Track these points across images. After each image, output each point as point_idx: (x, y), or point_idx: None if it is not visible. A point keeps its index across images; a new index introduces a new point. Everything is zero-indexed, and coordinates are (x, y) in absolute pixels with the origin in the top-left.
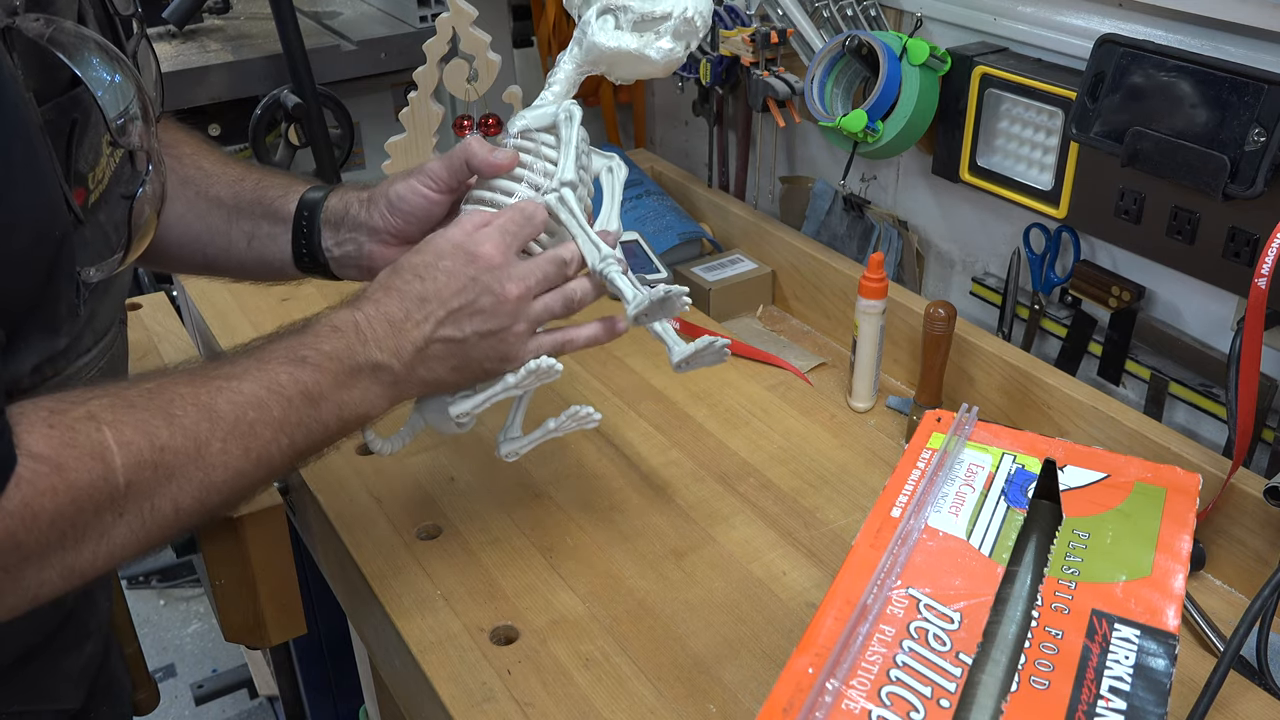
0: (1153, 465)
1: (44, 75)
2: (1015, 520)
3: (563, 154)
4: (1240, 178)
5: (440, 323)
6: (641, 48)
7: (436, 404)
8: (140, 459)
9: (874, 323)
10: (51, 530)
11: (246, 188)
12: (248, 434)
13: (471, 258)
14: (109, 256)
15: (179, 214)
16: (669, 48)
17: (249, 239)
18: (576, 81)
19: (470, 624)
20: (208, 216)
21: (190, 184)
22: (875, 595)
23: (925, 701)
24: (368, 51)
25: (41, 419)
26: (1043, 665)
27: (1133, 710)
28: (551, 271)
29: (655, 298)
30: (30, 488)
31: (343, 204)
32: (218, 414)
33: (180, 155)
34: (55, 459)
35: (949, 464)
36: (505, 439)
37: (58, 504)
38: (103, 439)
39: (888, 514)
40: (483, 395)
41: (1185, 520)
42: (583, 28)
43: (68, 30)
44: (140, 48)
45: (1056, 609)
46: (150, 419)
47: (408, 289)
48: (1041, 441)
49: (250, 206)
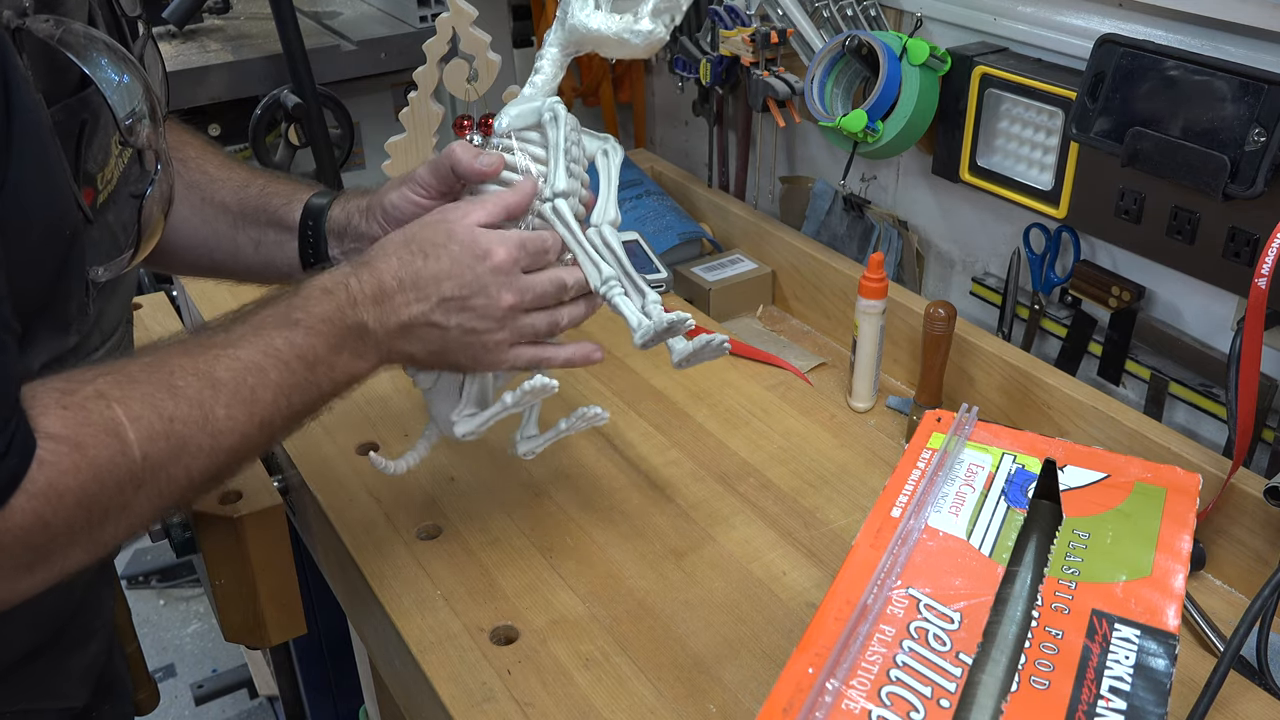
0: (1153, 465)
1: (53, 77)
2: (1015, 520)
3: (552, 161)
4: (1240, 178)
5: (432, 307)
6: (621, 31)
7: (444, 422)
8: (152, 431)
9: (874, 323)
10: (78, 509)
11: (251, 194)
12: (249, 399)
13: (482, 255)
14: (117, 256)
15: (184, 217)
16: (649, 29)
17: (255, 245)
18: (563, 64)
19: (470, 624)
20: (213, 222)
21: (196, 189)
22: (875, 595)
23: (925, 701)
24: (368, 51)
25: (54, 400)
26: (1043, 665)
27: (1133, 710)
28: (550, 292)
29: (660, 327)
30: (53, 468)
31: (344, 214)
32: (219, 381)
33: (185, 159)
34: (73, 438)
35: (949, 464)
36: (522, 438)
37: (81, 482)
38: (114, 415)
39: (888, 514)
40: (486, 414)
41: (1185, 520)
42: (564, 8)
43: (77, 31)
44: (146, 48)
45: (1057, 609)
46: (154, 392)
47: (410, 263)
48: (1041, 441)
49: (255, 213)
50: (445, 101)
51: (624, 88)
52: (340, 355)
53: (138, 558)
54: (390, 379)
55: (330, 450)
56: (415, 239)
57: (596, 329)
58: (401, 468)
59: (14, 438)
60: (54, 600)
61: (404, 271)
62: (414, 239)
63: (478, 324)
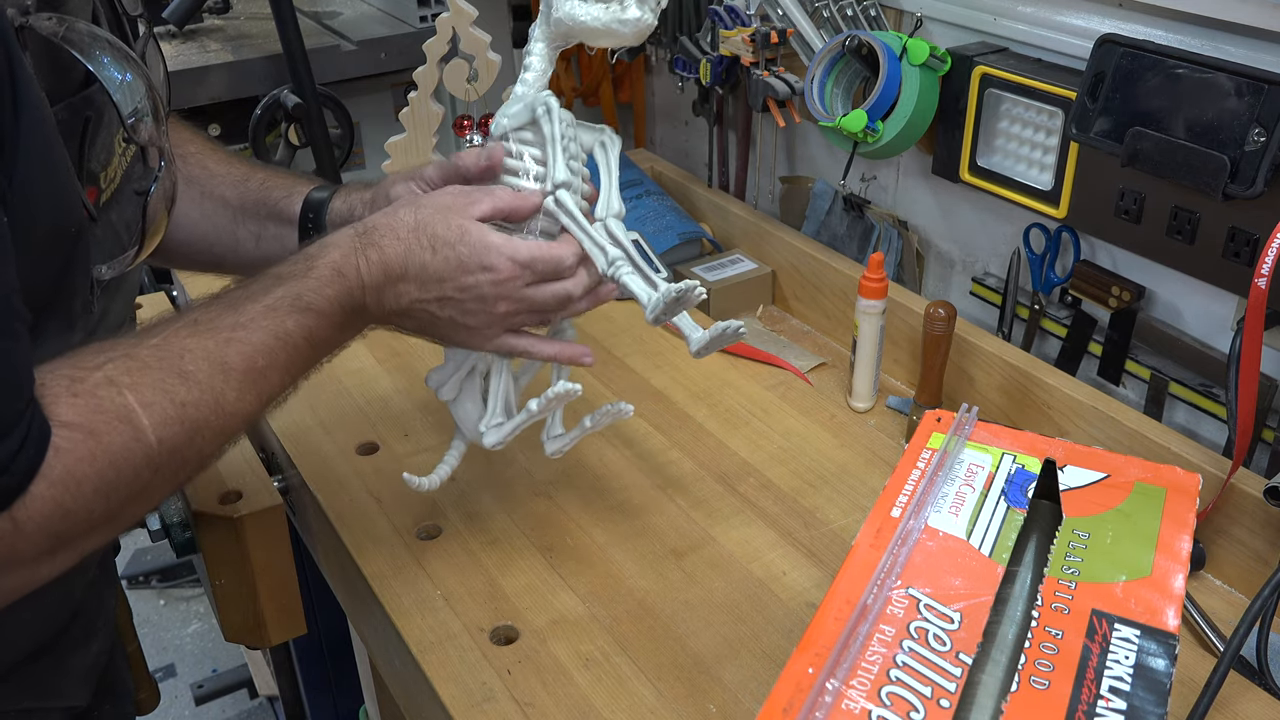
0: (1153, 465)
1: (56, 75)
2: (1015, 520)
3: (550, 154)
4: (1240, 178)
5: (429, 300)
6: (609, 21)
7: (472, 432)
8: (166, 416)
9: (874, 323)
10: (96, 496)
11: (251, 188)
12: (259, 380)
13: (487, 267)
14: (121, 254)
15: (185, 212)
16: (636, 16)
17: (256, 239)
18: (551, 58)
19: (470, 624)
20: (214, 216)
21: (195, 183)
22: (875, 595)
23: (925, 701)
24: (368, 51)
25: (64, 388)
26: (1043, 665)
27: (1133, 710)
28: (550, 305)
29: (669, 297)
30: (69, 455)
31: (347, 206)
32: (230, 366)
33: (185, 155)
34: (87, 425)
35: (949, 464)
36: (549, 437)
37: (98, 469)
38: (126, 402)
39: (888, 514)
40: (513, 423)
41: (1185, 520)
42: (548, 1)
43: (80, 29)
44: (148, 47)
45: (1056, 609)
46: (165, 378)
47: (416, 252)
48: (1041, 441)
49: (255, 207)
50: (445, 101)
51: (624, 88)
52: (343, 333)
53: (138, 558)
54: (390, 379)
55: (330, 450)
56: (426, 227)
57: (598, 330)
58: (435, 482)
59: (30, 426)
60: (56, 600)
61: (410, 261)
62: (425, 227)
63: (469, 321)
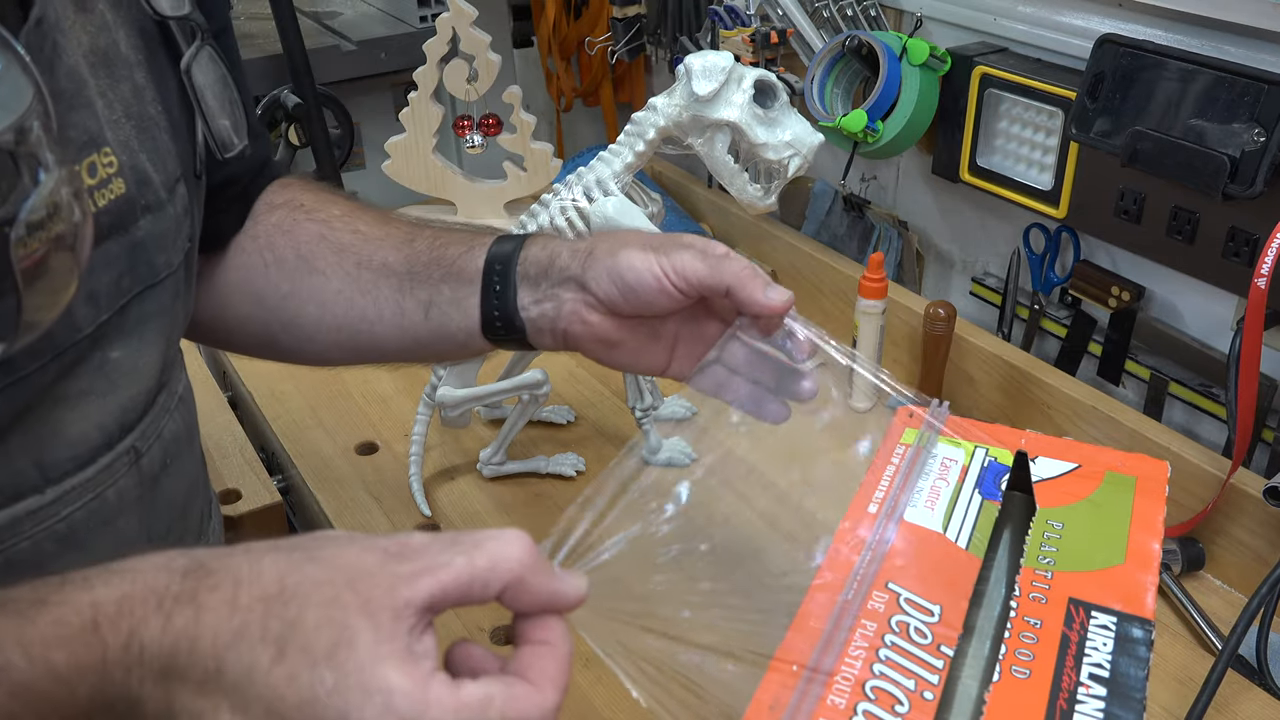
0: (1122, 454)
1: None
2: (991, 512)
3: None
4: (1240, 178)
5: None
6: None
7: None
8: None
9: (874, 323)
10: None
11: (420, 249)
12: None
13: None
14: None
15: (337, 290)
16: (766, 202)
17: (426, 309)
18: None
19: (470, 624)
20: (374, 289)
21: (349, 252)
22: (855, 591)
23: (909, 694)
24: (368, 51)
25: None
26: (1023, 654)
27: (1113, 695)
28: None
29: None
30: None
31: (547, 255)
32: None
33: (329, 219)
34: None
35: (922, 459)
36: (491, 463)
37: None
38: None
39: (865, 510)
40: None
41: (1155, 507)
42: (690, 91)
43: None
44: (198, 57)
45: (1034, 599)
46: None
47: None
48: (1010, 434)
49: (427, 270)
50: (445, 101)
51: (624, 88)
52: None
53: None
54: (391, 379)
55: (330, 450)
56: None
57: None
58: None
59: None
60: None
61: (230, 656)
62: (289, 600)
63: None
